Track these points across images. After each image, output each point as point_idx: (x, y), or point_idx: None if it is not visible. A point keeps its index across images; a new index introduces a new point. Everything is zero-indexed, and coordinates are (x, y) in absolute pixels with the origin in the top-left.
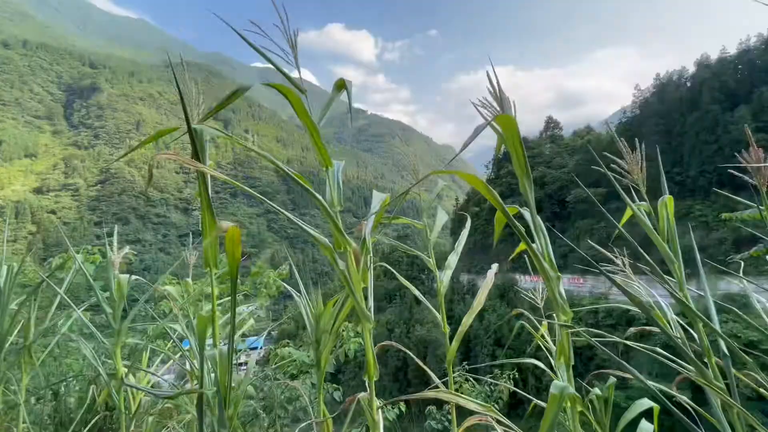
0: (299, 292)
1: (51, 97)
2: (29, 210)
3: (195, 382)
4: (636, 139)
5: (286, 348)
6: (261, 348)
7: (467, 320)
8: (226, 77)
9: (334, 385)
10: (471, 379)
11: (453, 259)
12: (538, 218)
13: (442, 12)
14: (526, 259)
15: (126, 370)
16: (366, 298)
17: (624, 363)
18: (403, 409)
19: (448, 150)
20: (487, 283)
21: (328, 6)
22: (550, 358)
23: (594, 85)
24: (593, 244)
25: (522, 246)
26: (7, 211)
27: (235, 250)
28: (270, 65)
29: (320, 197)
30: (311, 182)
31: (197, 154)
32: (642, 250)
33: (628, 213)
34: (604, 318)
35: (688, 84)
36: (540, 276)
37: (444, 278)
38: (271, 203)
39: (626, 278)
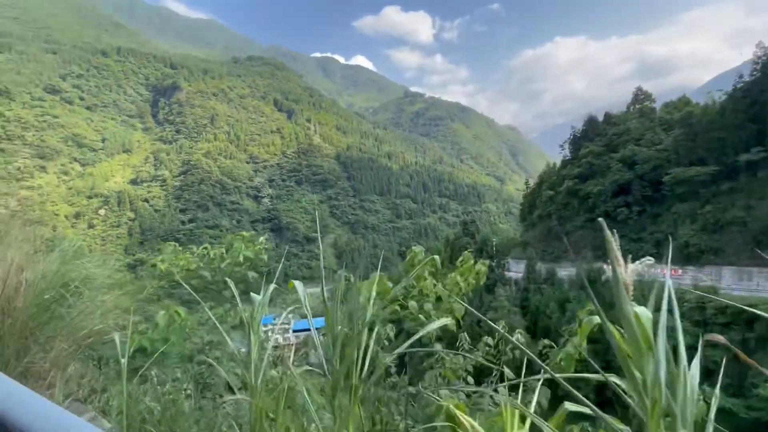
0: None
1: (141, 98)
2: (128, 199)
3: None
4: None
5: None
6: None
7: None
8: (288, 69)
9: None
10: None
11: None
12: None
13: None
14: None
15: None
16: None
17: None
18: None
19: (511, 132)
20: None
21: None
22: None
23: (686, 49)
24: None
25: None
26: (112, 200)
27: None
28: (327, 55)
29: None
30: (370, 168)
31: None
32: None
33: None
34: (714, 315)
35: None
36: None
37: None
38: None
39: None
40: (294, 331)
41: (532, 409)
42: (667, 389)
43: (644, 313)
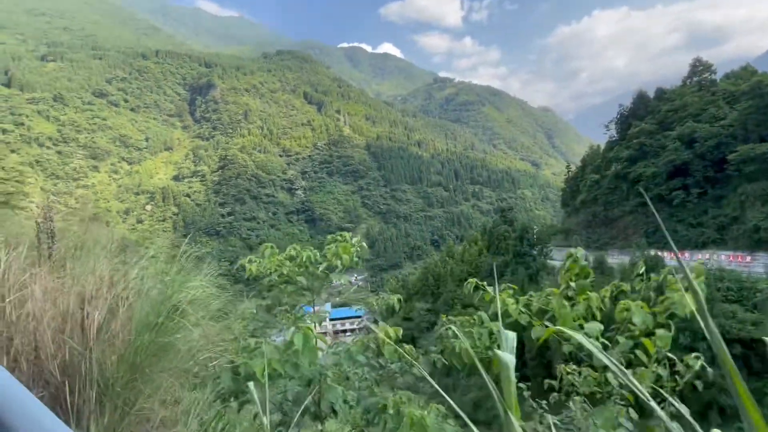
0: None
1: (179, 97)
2: (171, 194)
3: None
4: None
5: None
6: (362, 317)
7: None
8: (316, 60)
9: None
10: None
11: None
12: None
13: None
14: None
15: None
16: None
17: None
18: None
19: (546, 114)
20: None
21: None
22: None
23: (740, 15)
24: None
25: None
26: (157, 195)
27: None
28: (354, 45)
29: None
30: (400, 157)
31: None
32: None
33: None
34: None
35: None
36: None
37: None
38: None
39: None
40: (331, 320)
41: None
42: None
43: None
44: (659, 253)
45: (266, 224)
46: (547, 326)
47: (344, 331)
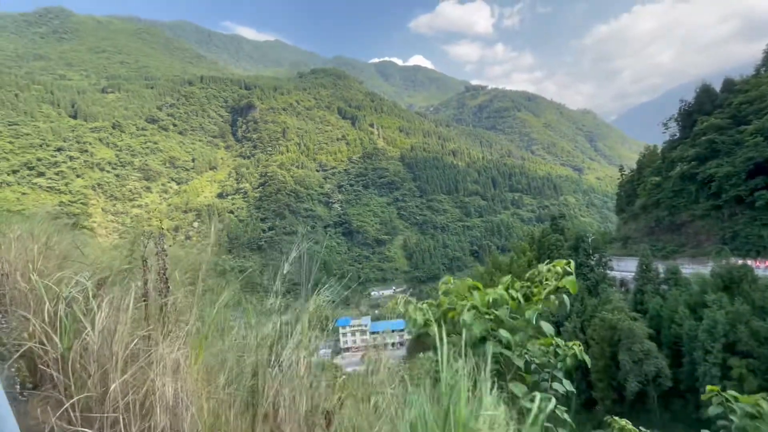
0: None
1: (222, 119)
2: (216, 211)
3: None
4: None
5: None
6: (403, 329)
7: None
8: (349, 76)
9: None
10: None
11: None
12: None
13: None
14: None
15: None
16: None
17: None
18: None
19: (586, 116)
20: None
21: None
22: None
23: None
24: None
25: None
26: (203, 213)
27: None
28: (385, 59)
29: None
30: (435, 168)
31: None
32: None
33: None
34: None
35: None
36: None
37: None
38: None
39: None
40: (371, 333)
41: None
42: None
43: None
44: (745, 262)
45: (305, 239)
46: None
47: (384, 345)
